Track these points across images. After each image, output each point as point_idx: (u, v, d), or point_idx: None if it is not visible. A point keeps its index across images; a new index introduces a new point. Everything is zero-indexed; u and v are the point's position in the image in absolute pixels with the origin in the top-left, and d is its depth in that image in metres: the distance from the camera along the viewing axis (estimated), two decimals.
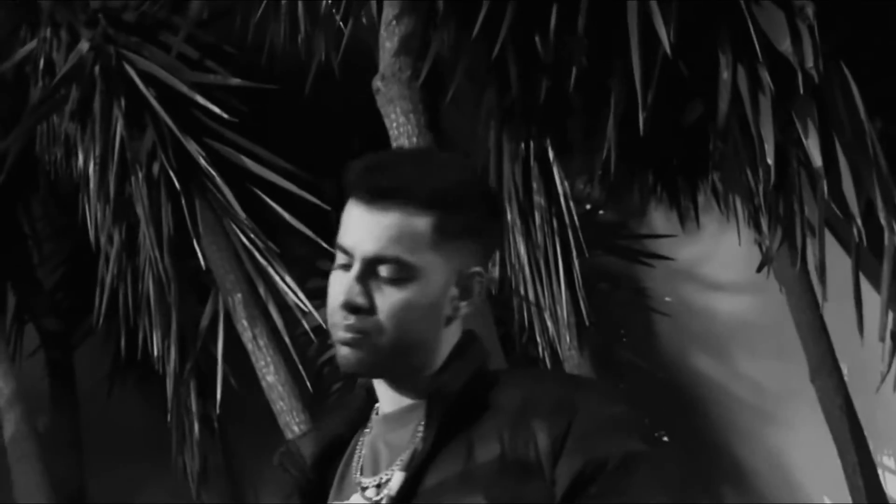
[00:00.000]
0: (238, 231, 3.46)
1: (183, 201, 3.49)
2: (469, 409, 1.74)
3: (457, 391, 1.74)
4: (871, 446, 3.72)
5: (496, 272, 3.63)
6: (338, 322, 1.76)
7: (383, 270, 1.74)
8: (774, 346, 4.28)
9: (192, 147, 3.47)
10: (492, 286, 3.48)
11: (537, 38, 3.02)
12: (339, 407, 1.93)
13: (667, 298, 4.51)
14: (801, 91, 2.64)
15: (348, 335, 1.75)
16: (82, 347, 4.47)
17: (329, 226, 3.22)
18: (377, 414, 1.84)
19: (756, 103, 2.74)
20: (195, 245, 3.47)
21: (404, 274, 1.75)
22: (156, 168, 3.49)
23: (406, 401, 1.80)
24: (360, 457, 1.81)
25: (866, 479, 3.58)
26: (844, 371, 3.73)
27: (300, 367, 3.40)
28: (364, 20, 3.27)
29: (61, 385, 4.37)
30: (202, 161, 3.46)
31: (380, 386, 1.83)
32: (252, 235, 3.45)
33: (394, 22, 3.09)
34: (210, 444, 3.88)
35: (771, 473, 4.31)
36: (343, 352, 1.76)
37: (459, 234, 1.79)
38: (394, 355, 1.76)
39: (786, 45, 2.67)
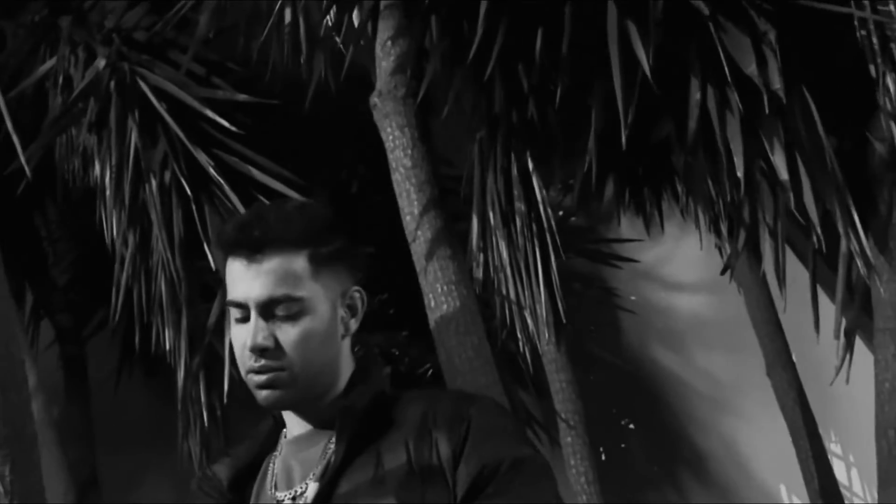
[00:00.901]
0: None
1: (193, 207, 3.50)
2: (375, 424, 1.80)
3: (363, 409, 1.80)
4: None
5: (479, 273, 3.66)
6: (250, 367, 1.81)
7: (278, 311, 1.80)
8: (730, 342, 4.33)
9: (202, 157, 3.49)
10: (476, 286, 3.51)
11: (521, 67, 3.08)
12: (249, 436, 1.93)
13: (632, 297, 4.56)
14: (767, 111, 2.69)
15: (262, 377, 1.80)
16: (93, 341, 4.47)
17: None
18: (285, 437, 1.88)
19: (724, 122, 2.79)
20: (204, 247, 3.47)
21: (296, 308, 1.81)
22: (168, 176, 3.50)
23: (316, 421, 1.84)
24: (273, 475, 1.85)
25: (818, 464, 3.63)
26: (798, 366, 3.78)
27: None
28: (361, 42, 3.28)
29: (74, 376, 4.37)
30: (211, 170, 3.48)
31: (290, 413, 1.87)
32: None
33: (389, 43, 3.12)
34: (213, 431, 3.88)
35: (727, 459, 4.36)
36: (262, 394, 1.81)
37: (331, 261, 1.86)
38: (306, 384, 1.81)
39: (752, 69, 2.71)
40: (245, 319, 1.83)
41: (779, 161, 2.78)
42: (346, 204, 4.10)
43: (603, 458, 3.91)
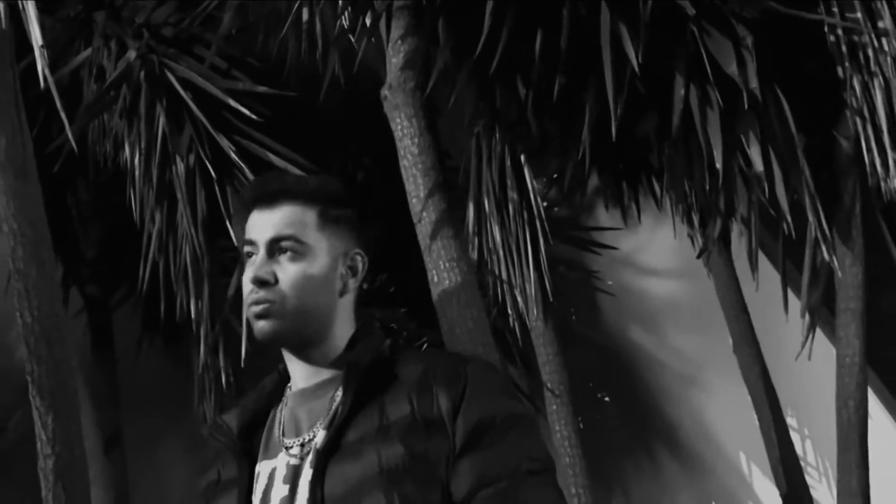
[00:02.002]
0: None
1: (216, 187, 3.50)
2: (378, 379, 1.83)
3: (367, 364, 1.82)
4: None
5: (475, 255, 3.67)
6: (250, 298, 1.85)
7: (282, 248, 1.86)
8: (699, 322, 4.35)
9: (224, 142, 3.49)
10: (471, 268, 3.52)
11: (520, 67, 3.09)
12: (255, 388, 1.97)
13: (610, 282, 4.57)
14: (746, 107, 2.71)
15: (258, 308, 1.84)
16: (118, 311, 4.46)
17: None
18: (290, 390, 1.90)
19: (705, 117, 2.81)
20: (226, 224, 3.48)
21: (299, 250, 1.86)
22: (192, 159, 3.49)
23: (320, 377, 1.87)
24: (280, 424, 1.88)
25: (779, 435, 3.65)
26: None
27: None
28: (373, 40, 3.29)
29: (101, 343, 4.37)
30: (232, 154, 3.48)
31: (295, 365, 1.89)
32: None
33: (399, 41, 3.12)
34: (227, 397, 3.89)
35: (695, 429, 4.38)
36: (258, 325, 1.85)
37: (339, 222, 1.92)
38: (297, 320, 1.85)
39: (732, 69, 2.73)
40: (251, 257, 1.87)
41: (754, 154, 2.80)
42: (355, 192, 4.10)
43: (581, 426, 3.92)
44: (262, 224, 1.89)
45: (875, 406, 3.55)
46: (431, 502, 1.74)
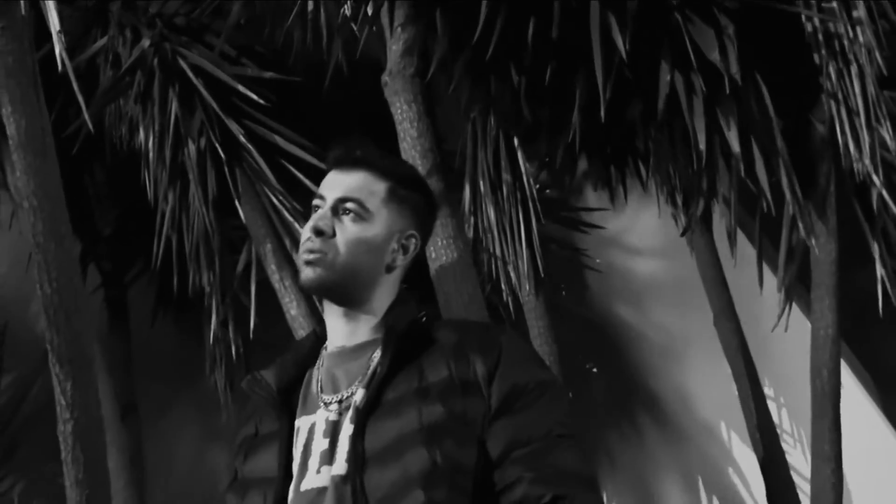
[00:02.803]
0: (269, 193, 3.47)
1: (225, 169, 3.49)
2: (416, 343, 1.82)
3: (404, 329, 1.81)
4: None
5: (470, 233, 3.67)
6: (304, 246, 1.86)
7: (346, 209, 1.87)
8: (681, 298, 4.34)
9: (234, 126, 3.48)
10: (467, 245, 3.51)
11: (513, 55, 3.07)
12: (292, 348, 1.97)
13: (597, 259, 4.56)
14: (728, 92, 2.70)
15: (310, 255, 1.85)
16: (134, 286, 4.45)
17: None
18: (326, 350, 1.89)
19: (690, 102, 2.79)
20: (236, 204, 3.47)
21: (361, 214, 1.87)
22: (203, 142, 3.48)
23: (358, 338, 1.87)
24: (318, 382, 1.86)
25: (757, 404, 3.65)
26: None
27: (317, 302, 3.43)
28: (374, 28, 3.27)
29: (117, 316, 4.36)
30: (241, 137, 3.47)
31: (336, 323, 1.89)
32: (280, 197, 3.47)
33: (399, 30, 3.11)
34: (237, 368, 3.89)
35: (677, 399, 4.37)
36: (305, 271, 1.86)
37: (404, 202, 1.93)
38: (342, 275, 1.85)
39: (715, 56, 2.72)
40: (317, 209, 1.88)
41: (733, 137, 2.78)
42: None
43: (569, 395, 3.91)
44: (335, 183, 1.91)
45: (846, 376, 3.54)
46: (469, 459, 1.75)
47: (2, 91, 2.31)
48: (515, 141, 3.60)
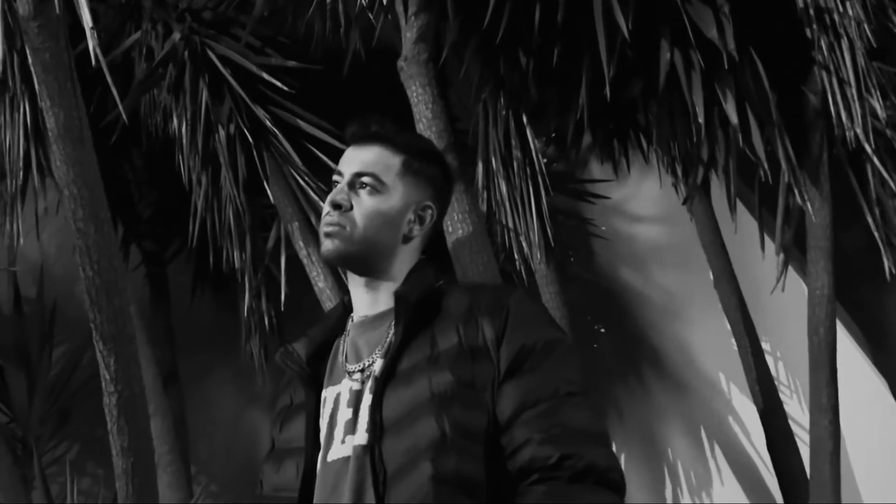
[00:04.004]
0: (295, 175, 3.42)
1: (254, 153, 3.43)
2: (428, 311, 1.74)
3: (417, 297, 1.73)
4: None
5: (484, 207, 3.61)
6: (325, 220, 1.78)
7: (363, 182, 1.78)
8: (682, 261, 4.28)
9: (260, 112, 3.42)
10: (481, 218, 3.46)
11: (521, 39, 2.99)
12: (321, 319, 1.89)
13: (603, 228, 4.49)
14: (726, 67, 2.62)
15: (330, 228, 1.77)
16: (173, 264, 4.41)
17: None
18: (352, 321, 1.82)
19: (689, 77, 2.71)
20: (265, 185, 3.41)
21: (377, 187, 1.78)
22: (232, 128, 3.43)
23: (378, 307, 1.79)
24: (343, 352, 1.79)
25: (755, 358, 3.59)
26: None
27: (342, 273, 3.39)
28: (390, 17, 3.19)
29: (158, 292, 4.32)
30: (267, 123, 3.41)
31: (359, 292, 1.81)
32: (305, 178, 3.42)
33: (413, 17, 3.04)
34: (270, 337, 3.84)
35: (680, 356, 4.31)
36: (325, 244, 1.78)
37: (419, 174, 1.83)
38: (361, 246, 1.77)
39: (712, 33, 2.64)
40: (336, 184, 1.81)
41: (731, 109, 2.71)
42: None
43: (580, 354, 3.85)
44: (352, 158, 1.83)
45: (839, 332, 3.46)
46: (478, 425, 1.66)
47: (41, 86, 2.24)
48: (524, 119, 3.54)
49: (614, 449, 4.34)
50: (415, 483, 1.61)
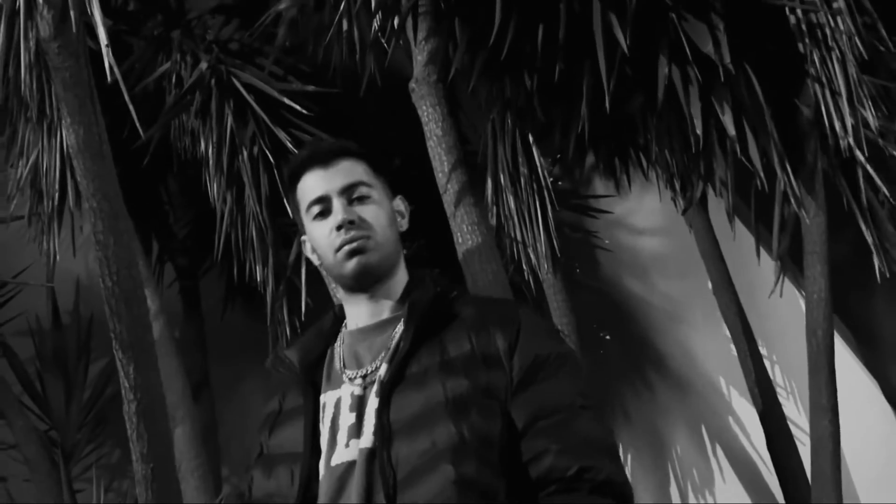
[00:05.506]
0: None
1: (276, 173, 3.31)
2: (437, 318, 1.58)
3: (427, 303, 1.57)
4: None
5: (493, 221, 3.47)
6: (341, 241, 1.61)
7: (354, 193, 1.63)
8: (682, 271, 4.16)
9: (281, 135, 3.28)
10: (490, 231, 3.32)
11: (525, 60, 2.85)
12: (313, 328, 1.74)
13: (606, 240, 4.36)
14: (722, 81, 2.45)
15: (355, 244, 1.60)
16: (205, 279, 4.27)
17: None
18: (346, 328, 1.66)
19: (686, 91, 2.55)
20: (286, 203, 3.27)
21: (369, 193, 1.64)
22: (256, 149, 3.32)
23: (381, 316, 1.63)
24: (340, 358, 1.63)
25: (753, 361, 3.43)
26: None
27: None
28: (401, 42, 3.06)
29: (191, 304, 4.18)
30: (288, 144, 3.27)
31: (360, 304, 1.64)
32: None
33: (423, 42, 2.92)
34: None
35: (682, 359, 4.17)
36: (353, 261, 1.60)
37: (382, 172, 1.71)
38: (385, 251, 1.63)
39: (708, 49, 2.48)
40: (323, 214, 1.65)
41: (729, 121, 2.54)
42: (391, 172, 3.87)
43: (588, 360, 3.69)
44: (327, 179, 1.67)
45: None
46: (494, 431, 1.52)
47: (61, 103, 2.10)
48: (531, 138, 3.45)
49: (622, 448, 4.21)
50: (435, 485, 1.47)
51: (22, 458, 3.57)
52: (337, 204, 1.64)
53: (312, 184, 1.67)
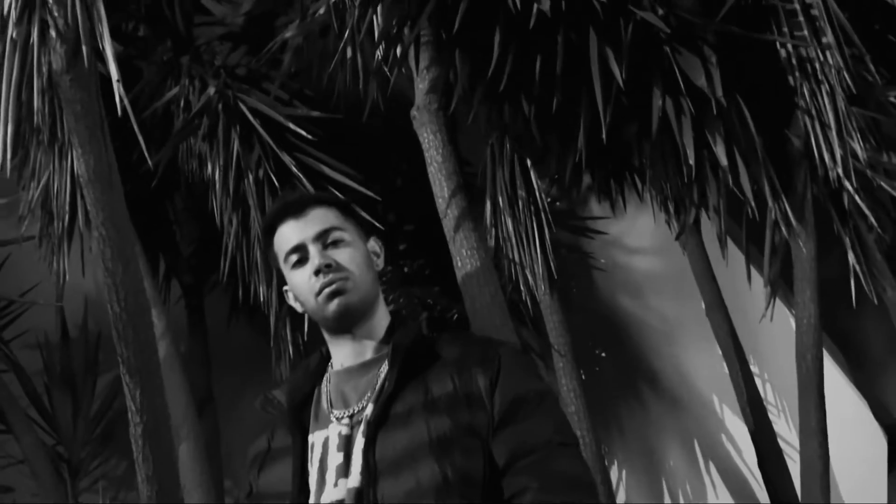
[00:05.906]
0: None
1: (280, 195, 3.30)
2: (420, 359, 1.59)
3: (409, 345, 1.58)
4: None
5: (492, 242, 3.48)
6: (320, 286, 1.61)
7: (329, 239, 1.63)
8: (676, 291, 4.16)
9: (286, 159, 3.30)
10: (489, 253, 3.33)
11: (523, 87, 2.86)
12: (300, 367, 1.74)
13: (602, 260, 4.36)
14: (715, 113, 2.46)
15: (333, 286, 1.60)
16: (210, 296, 4.28)
17: (376, 213, 3.02)
18: (332, 368, 1.66)
19: (679, 122, 2.56)
20: None
21: (344, 237, 1.64)
22: (261, 173, 3.33)
23: (364, 357, 1.64)
24: (328, 398, 1.63)
25: (745, 381, 3.42)
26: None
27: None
28: (404, 71, 3.07)
29: (196, 321, 4.18)
30: (293, 168, 3.30)
31: (344, 345, 1.65)
32: None
33: (425, 70, 2.93)
34: (296, 360, 3.69)
35: (675, 378, 4.17)
36: (334, 304, 1.60)
37: (353, 216, 1.71)
38: (363, 292, 1.62)
39: (701, 82, 2.49)
40: (301, 262, 1.65)
41: (721, 152, 2.55)
42: (393, 195, 3.88)
43: (583, 378, 3.70)
44: (302, 228, 1.67)
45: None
46: (477, 469, 1.53)
47: (72, 134, 2.11)
48: (528, 162, 3.46)
49: (616, 464, 4.21)
50: None
51: (29, 472, 3.57)
52: (313, 250, 1.64)
53: (288, 234, 1.68)
